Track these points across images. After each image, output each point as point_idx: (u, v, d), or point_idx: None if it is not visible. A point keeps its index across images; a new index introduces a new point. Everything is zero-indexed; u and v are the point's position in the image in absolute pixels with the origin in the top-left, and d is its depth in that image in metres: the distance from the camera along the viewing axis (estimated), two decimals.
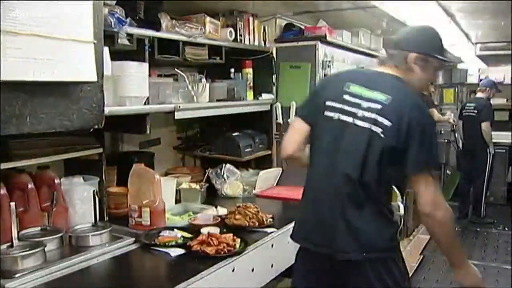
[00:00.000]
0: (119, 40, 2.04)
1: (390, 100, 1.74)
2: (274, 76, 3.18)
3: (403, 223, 5.02)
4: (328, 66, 3.14)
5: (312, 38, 3.14)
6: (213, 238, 1.96)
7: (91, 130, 1.40)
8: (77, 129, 1.34)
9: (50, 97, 1.21)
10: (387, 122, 1.72)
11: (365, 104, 1.76)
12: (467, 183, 6.39)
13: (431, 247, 5.29)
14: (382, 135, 1.71)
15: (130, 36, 2.13)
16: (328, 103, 1.82)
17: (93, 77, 1.26)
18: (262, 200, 2.89)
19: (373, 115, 1.74)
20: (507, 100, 7.93)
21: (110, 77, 1.95)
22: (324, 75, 3.14)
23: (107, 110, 1.90)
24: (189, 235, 2.13)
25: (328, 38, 3.15)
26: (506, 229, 5.97)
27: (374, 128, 1.73)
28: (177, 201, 2.74)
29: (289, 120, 3.16)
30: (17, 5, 1.08)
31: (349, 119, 1.77)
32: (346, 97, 1.80)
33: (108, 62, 1.94)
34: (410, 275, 4.35)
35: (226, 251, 1.92)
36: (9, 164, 1.93)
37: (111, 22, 1.92)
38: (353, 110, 1.77)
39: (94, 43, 1.24)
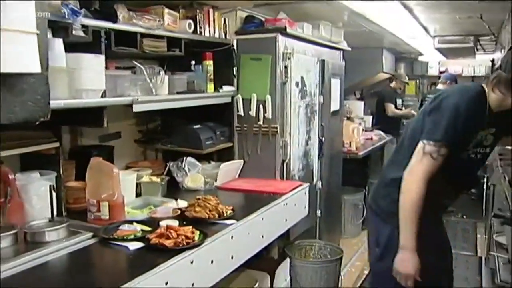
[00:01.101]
0: (73, 32, 2.00)
1: None
2: (235, 68, 3.17)
3: (365, 212, 5.12)
4: (289, 58, 3.15)
5: (273, 30, 3.15)
6: (171, 231, 1.95)
7: (37, 122, 1.37)
8: (20, 121, 1.31)
9: None
10: None
11: None
12: None
13: None
14: None
15: (85, 27, 2.08)
16: None
17: (37, 69, 1.23)
18: (223, 193, 2.90)
19: None
20: None
21: (65, 69, 1.92)
22: (285, 67, 3.15)
23: (61, 103, 1.88)
24: (148, 229, 2.12)
25: (289, 30, 3.16)
26: (464, 217, 6.17)
27: None
28: (138, 194, 2.72)
29: (249, 112, 3.18)
30: None
31: None
32: None
33: (62, 54, 1.90)
34: None
35: (185, 244, 1.92)
36: None
37: (64, 13, 1.88)
38: None
39: (37, 34, 1.21)
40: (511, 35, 3.39)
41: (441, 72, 8.30)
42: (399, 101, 7.24)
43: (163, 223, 2.11)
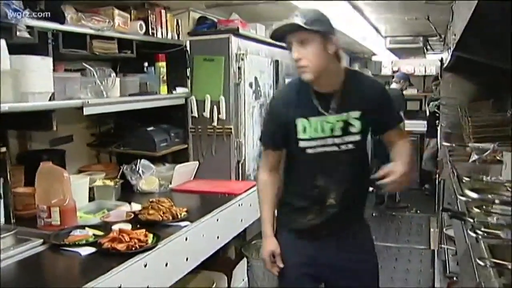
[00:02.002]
0: (18, 33, 1.95)
1: None
2: (188, 70, 3.16)
3: None
4: (242, 59, 3.16)
5: (225, 31, 3.15)
6: (124, 235, 1.93)
7: None
8: None
9: None
10: None
11: None
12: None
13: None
14: None
15: (30, 28, 2.03)
16: None
17: None
18: (178, 195, 2.88)
19: None
20: (418, 91, 8.38)
21: (9, 71, 1.87)
22: (238, 68, 3.16)
23: (6, 106, 1.83)
24: (101, 233, 2.08)
25: (241, 31, 3.18)
26: (418, 212, 6.35)
27: None
28: (91, 199, 2.67)
29: (204, 114, 3.17)
30: None
31: None
32: None
33: (6, 55, 1.85)
34: None
35: (138, 247, 1.90)
36: None
37: (6, 13, 1.82)
38: None
39: None
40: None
41: (394, 72, 8.48)
42: None
43: (115, 227, 2.08)
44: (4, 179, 2.22)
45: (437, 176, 5.50)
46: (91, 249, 1.94)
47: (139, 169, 2.93)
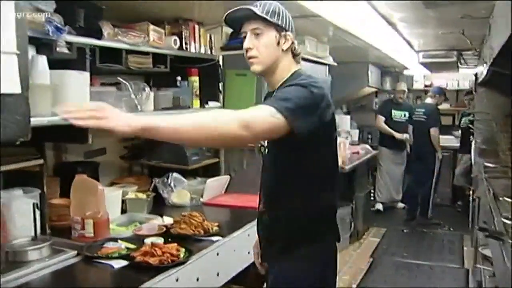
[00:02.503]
0: (57, 49, 2.00)
1: None
2: (220, 84, 3.18)
3: (353, 226, 5.14)
4: None
5: None
6: (156, 248, 1.94)
7: (17, 143, 1.36)
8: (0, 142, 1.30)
9: None
10: None
11: None
12: (415, 186, 6.58)
13: (381, 249, 5.44)
14: None
15: (69, 44, 2.08)
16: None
17: (17, 89, 1.22)
18: (209, 209, 2.89)
19: None
20: (450, 105, 8.24)
21: (48, 86, 1.91)
22: None
23: (45, 120, 1.87)
24: (133, 246, 2.10)
25: None
26: (451, 229, 6.21)
27: None
28: (123, 211, 2.70)
29: None
30: None
31: None
32: None
33: (46, 71, 1.90)
34: (360, 277, 4.50)
35: (170, 261, 1.91)
36: None
37: (48, 30, 1.87)
38: None
39: (17, 54, 1.20)
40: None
41: (426, 86, 8.38)
42: (398, 113, 6.77)
43: (148, 241, 2.10)
44: (41, 190, 2.27)
45: (470, 192, 5.39)
46: (123, 262, 1.96)
47: (170, 182, 2.95)
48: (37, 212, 2.09)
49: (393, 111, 6.75)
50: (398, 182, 7.03)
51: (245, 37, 1.81)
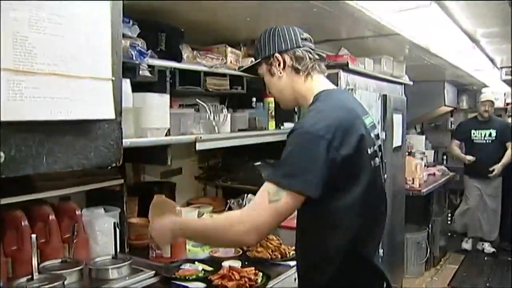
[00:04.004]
0: (140, 72, 2.05)
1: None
2: None
3: (429, 252, 4.90)
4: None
5: (334, 66, 3.11)
6: (234, 272, 1.92)
7: (109, 168, 1.39)
8: (94, 167, 1.32)
9: (67, 136, 1.20)
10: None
11: (374, 133, 1.63)
12: None
13: (460, 277, 5.14)
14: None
15: (151, 67, 2.13)
16: (369, 151, 1.53)
17: (111, 115, 1.25)
18: (285, 231, 2.81)
19: (379, 142, 1.66)
20: None
21: (131, 109, 1.95)
22: None
23: (128, 142, 1.90)
24: (210, 268, 2.10)
25: (351, 66, 3.12)
26: None
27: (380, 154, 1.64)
28: None
29: None
30: (36, 44, 1.08)
31: (378, 160, 1.58)
32: (372, 134, 1.59)
33: (130, 94, 1.94)
34: None
35: (248, 286, 1.87)
36: (31, 196, 1.94)
37: (132, 55, 1.93)
38: (377, 144, 1.61)
39: (112, 80, 1.23)
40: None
41: (507, 104, 7.93)
42: (479, 133, 5.84)
43: (225, 264, 2.08)
44: (121, 209, 2.33)
45: None
46: (201, 285, 1.95)
47: (245, 203, 2.93)
48: (118, 231, 2.13)
49: (472, 131, 5.91)
50: (493, 219, 5.88)
51: None
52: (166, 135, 2.19)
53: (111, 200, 2.36)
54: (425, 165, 5.76)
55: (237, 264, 2.10)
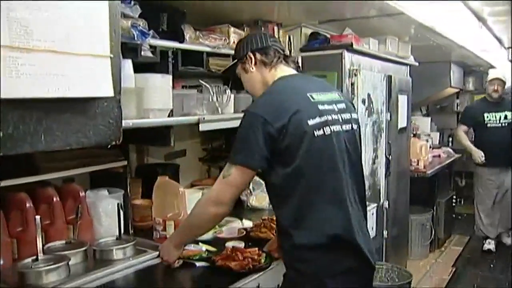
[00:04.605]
0: (142, 53, 2.03)
1: (342, 96, 1.87)
2: None
3: (433, 234, 4.88)
4: (355, 75, 3.07)
5: (338, 47, 3.09)
6: (237, 253, 1.92)
7: (109, 146, 1.38)
8: (93, 145, 1.32)
9: (66, 114, 1.19)
10: (355, 116, 1.85)
11: (336, 107, 1.78)
12: None
13: (464, 259, 5.15)
14: (357, 130, 1.85)
15: (153, 48, 2.11)
16: (310, 122, 1.67)
17: (110, 93, 1.23)
18: None
19: (347, 115, 1.79)
20: None
21: (133, 89, 1.94)
22: (351, 84, 3.07)
23: (130, 122, 1.90)
24: (213, 249, 2.10)
25: (355, 46, 3.09)
26: None
27: (354, 126, 1.82)
28: None
29: None
30: (31, 21, 1.06)
31: (338, 127, 1.74)
32: (321, 107, 1.73)
33: (131, 74, 1.93)
34: None
35: (251, 267, 1.88)
36: (35, 178, 1.95)
37: (133, 35, 1.90)
38: (335, 117, 1.75)
39: (110, 58, 1.21)
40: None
41: None
42: (493, 116, 5.11)
43: (229, 244, 2.08)
44: (125, 191, 2.33)
45: None
46: (204, 265, 1.95)
47: (249, 185, 2.93)
48: (121, 212, 2.13)
49: (486, 114, 5.13)
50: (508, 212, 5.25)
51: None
52: (168, 116, 2.18)
53: (115, 182, 2.36)
54: (430, 147, 5.73)
55: (240, 244, 2.11)
